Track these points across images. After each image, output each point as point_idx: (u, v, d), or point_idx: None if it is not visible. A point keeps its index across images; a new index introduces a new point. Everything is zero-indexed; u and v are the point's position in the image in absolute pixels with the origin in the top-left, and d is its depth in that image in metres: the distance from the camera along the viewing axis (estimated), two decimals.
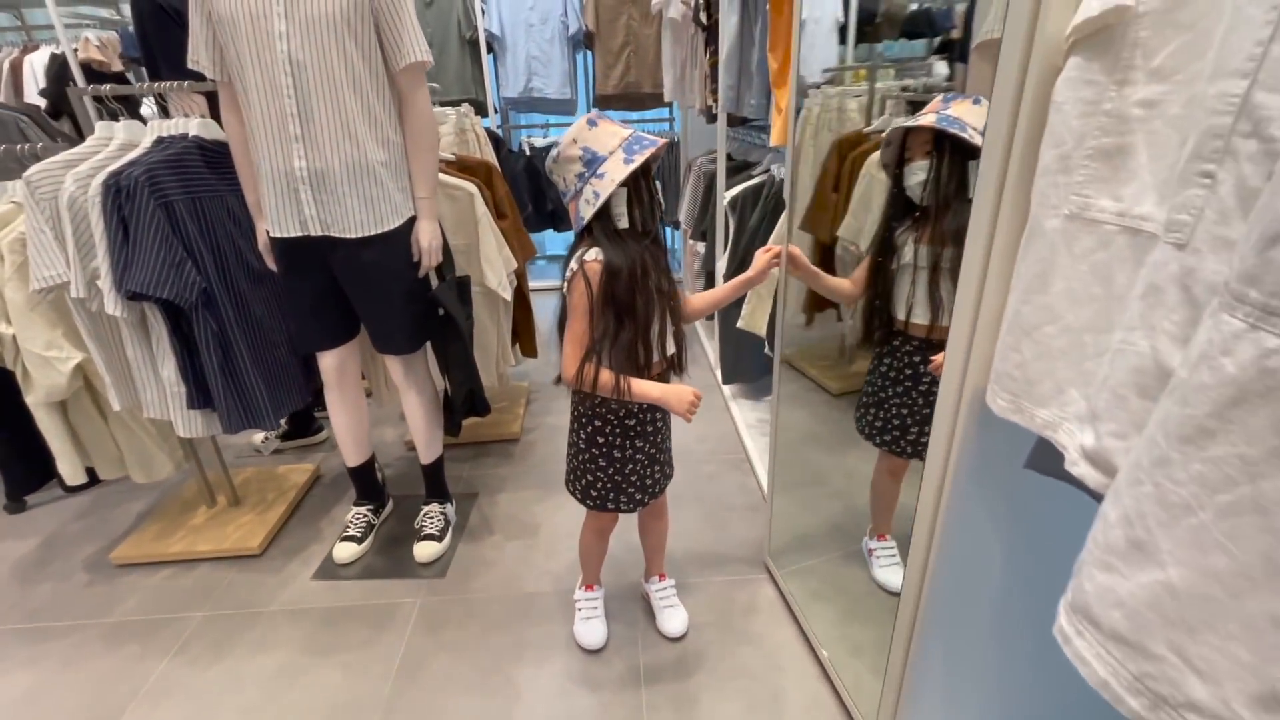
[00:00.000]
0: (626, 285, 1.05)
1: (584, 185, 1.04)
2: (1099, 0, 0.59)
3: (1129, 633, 0.40)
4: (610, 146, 1.02)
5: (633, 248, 1.06)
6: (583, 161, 1.03)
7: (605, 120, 1.04)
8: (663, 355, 1.16)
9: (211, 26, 1.31)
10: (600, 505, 1.28)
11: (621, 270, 1.04)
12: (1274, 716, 0.34)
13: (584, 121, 1.04)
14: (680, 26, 2.73)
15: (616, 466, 1.23)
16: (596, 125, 1.03)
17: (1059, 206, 0.65)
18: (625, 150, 1.02)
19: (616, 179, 1.01)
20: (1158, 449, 0.39)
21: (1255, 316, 0.34)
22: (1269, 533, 0.34)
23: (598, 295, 1.05)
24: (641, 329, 1.08)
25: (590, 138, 1.03)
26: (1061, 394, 0.69)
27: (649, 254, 1.08)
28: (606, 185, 1.01)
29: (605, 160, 1.02)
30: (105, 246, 1.36)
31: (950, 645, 1.01)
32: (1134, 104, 0.59)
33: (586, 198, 1.04)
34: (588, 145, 1.03)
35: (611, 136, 1.03)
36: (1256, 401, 0.34)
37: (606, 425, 1.19)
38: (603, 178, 1.02)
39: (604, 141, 1.02)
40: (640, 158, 1.01)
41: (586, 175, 1.03)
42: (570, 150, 1.03)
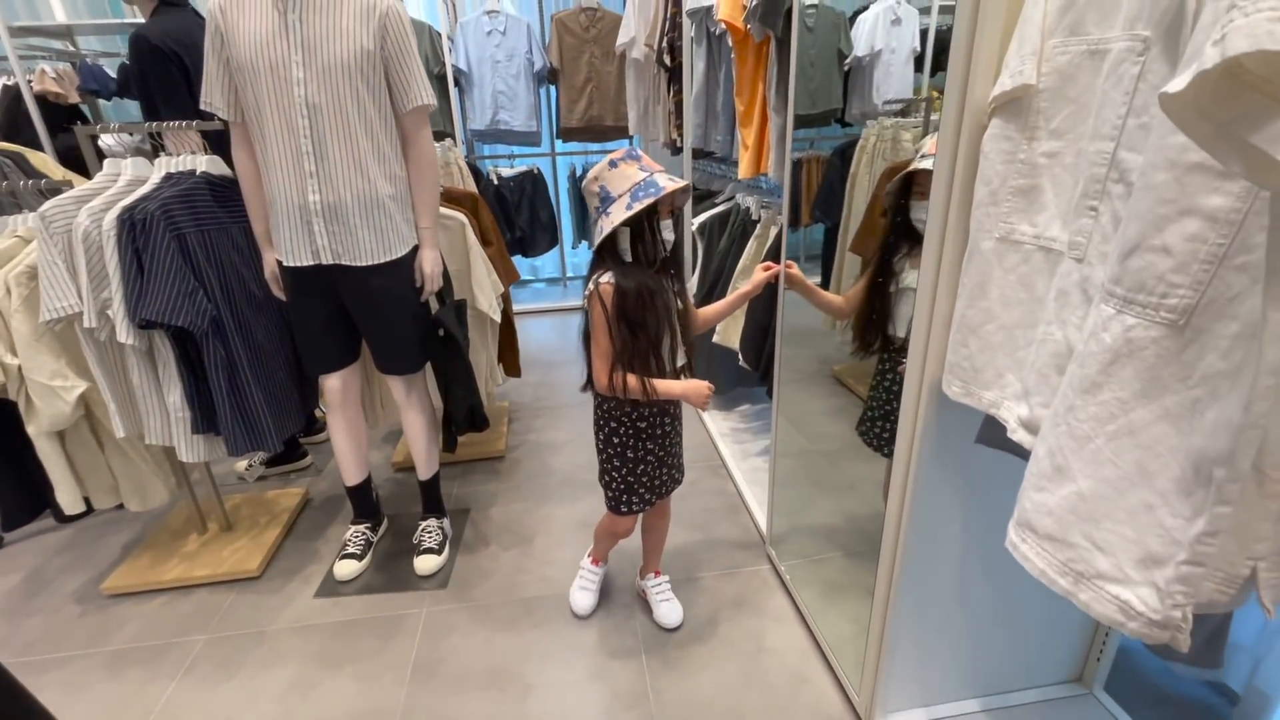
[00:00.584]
0: (635, 305, 1.20)
1: (599, 217, 1.19)
2: (1009, 78, 0.79)
3: (1056, 532, 0.57)
4: (621, 189, 1.17)
5: (640, 274, 1.21)
6: (599, 197, 1.19)
7: (626, 163, 1.18)
8: (673, 365, 1.31)
9: (228, 71, 1.41)
10: (614, 506, 1.42)
11: (629, 293, 1.19)
12: (1150, 571, 0.50)
13: (607, 161, 1.18)
14: (643, 66, 2.94)
15: (629, 467, 1.36)
16: (616, 167, 1.18)
17: (991, 231, 0.84)
18: (631, 195, 1.16)
19: (615, 221, 1.16)
20: (1067, 400, 0.56)
21: (1120, 305, 0.51)
22: (1138, 448, 0.51)
23: (613, 312, 1.20)
24: (653, 342, 1.24)
25: (608, 178, 1.18)
26: (1001, 378, 0.87)
27: (656, 279, 1.23)
28: (608, 225, 1.17)
29: (614, 201, 1.17)
30: (119, 277, 1.41)
31: (919, 600, 1.18)
32: (1040, 154, 0.79)
33: (600, 228, 1.19)
34: (604, 184, 1.18)
35: (624, 180, 1.17)
36: (1124, 361, 0.51)
37: (621, 427, 1.33)
38: (609, 215, 1.17)
39: (617, 184, 1.17)
40: (639, 205, 1.14)
41: (601, 209, 1.19)
42: (591, 185, 1.20)
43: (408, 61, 1.46)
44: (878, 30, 1.90)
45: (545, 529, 1.99)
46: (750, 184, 2.19)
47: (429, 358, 1.73)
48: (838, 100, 2.02)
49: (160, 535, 1.94)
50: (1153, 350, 0.49)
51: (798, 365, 2.17)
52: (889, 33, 1.90)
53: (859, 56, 1.93)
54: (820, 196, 2.14)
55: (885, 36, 1.89)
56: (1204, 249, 0.46)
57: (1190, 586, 0.47)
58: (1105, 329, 0.52)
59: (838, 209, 1.90)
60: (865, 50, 1.92)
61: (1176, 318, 0.48)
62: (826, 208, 2.03)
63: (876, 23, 1.90)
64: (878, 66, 1.92)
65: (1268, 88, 0.36)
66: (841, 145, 1.98)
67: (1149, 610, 0.50)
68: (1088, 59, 0.72)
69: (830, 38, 1.99)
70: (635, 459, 1.36)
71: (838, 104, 2.02)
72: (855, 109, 2.02)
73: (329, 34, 1.36)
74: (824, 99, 2.02)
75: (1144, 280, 0.50)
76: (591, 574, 1.64)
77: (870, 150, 1.84)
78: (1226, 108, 0.37)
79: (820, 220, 2.13)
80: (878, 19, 1.89)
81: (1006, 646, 1.28)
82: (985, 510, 1.12)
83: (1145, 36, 0.62)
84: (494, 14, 3.45)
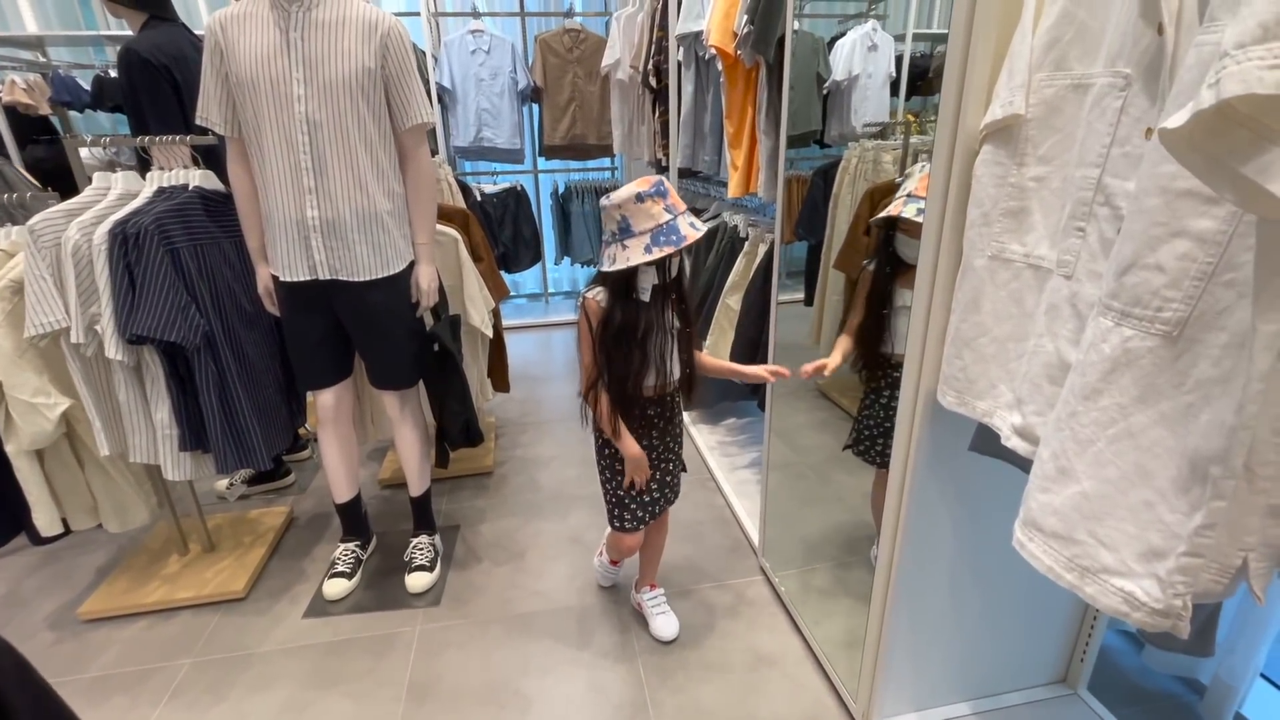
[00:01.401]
0: (615, 337, 1.21)
1: (614, 243, 1.18)
2: (1000, 108, 0.84)
3: (1061, 530, 0.61)
4: (643, 227, 1.15)
5: (643, 311, 1.22)
6: (618, 226, 1.17)
7: (653, 200, 1.15)
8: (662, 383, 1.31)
9: (227, 87, 1.41)
10: (610, 522, 1.44)
11: (615, 324, 1.20)
12: (1152, 564, 0.55)
13: (634, 194, 1.14)
14: (628, 87, 3.00)
15: (618, 480, 1.38)
16: (642, 203, 1.15)
17: (983, 250, 0.90)
18: (651, 239, 1.14)
19: (631, 261, 1.14)
20: (1069, 406, 0.61)
21: (1117, 317, 0.56)
22: (1137, 450, 0.55)
23: (597, 332, 1.22)
24: (633, 374, 1.24)
25: (631, 210, 1.15)
26: (994, 388, 0.92)
27: (649, 314, 1.22)
28: (622, 260, 1.16)
29: (634, 237, 1.15)
30: (110, 292, 1.39)
31: (914, 607, 1.21)
32: (1029, 179, 0.84)
33: (610, 255, 1.19)
34: (626, 216, 1.16)
35: (648, 219, 1.15)
36: (1123, 369, 0.56)
37: (605, 442, 1.36)
38: (625, 249, 1.16)
39: (640, 221, 1.15)
40: (659, 253, 1.13)
41: (617, 236, 1.17)
42: (613, 211, 1.16)
43: (408, 80, 1.48)
44: (855, 55, 1.98)
45: (536, 544, 1.99)
46: (735, 202, 2.25)
47: (424, 373, 1.73)
48: (817, 122, 2.10)
49: (138, 557, 1.88)
50: (1149, 359, 0.54)
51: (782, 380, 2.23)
52: (866, 58, 1.98)
53: (837, 80, 2.01)
54: (804, 215, 2.21)
55: (862, 61, 1.98)
56: (1194, 267, 0.51)
57: (1190, 576, 0.51)
58: (1105, 340, 0.57)
59: (821, 227, 1.96)
60: (843, 74, 2.00)
61: (1171, 329, 0.53)
62: (810, 226, 2.10)
63: (854, 48, 1.98)
64: (855, 90, 2.01)
65: (1254, 125, 0.40)
66: (824, 166, 2.05)
67: (1152, 600, 0.54)
68: (1072, 92, 0.77)
69: (809, 62, 2.07)
70: (623, 474, 1.37)
71: (817, 126, 2.10)
72: (834, 131, 2.10)
73: (331, 52, 1.38)
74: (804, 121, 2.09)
75: (1140, 295, 0.54)
76: (656, 598, 1.64)
77: (853, 171, 1.91)
78: (1218, 142, 0.42)
79: (804, 238, 2.20)
80: (855, 45, 1.98)
81: (995, 650, 1.33)
82: (975, 517, 1.16)
83: (1127, 74, 0.68)
84: (478, 33, 3.49)
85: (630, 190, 1.15)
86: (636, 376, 1.26)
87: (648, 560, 1.62)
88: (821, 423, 2.35)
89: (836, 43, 2.04)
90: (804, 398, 2.39)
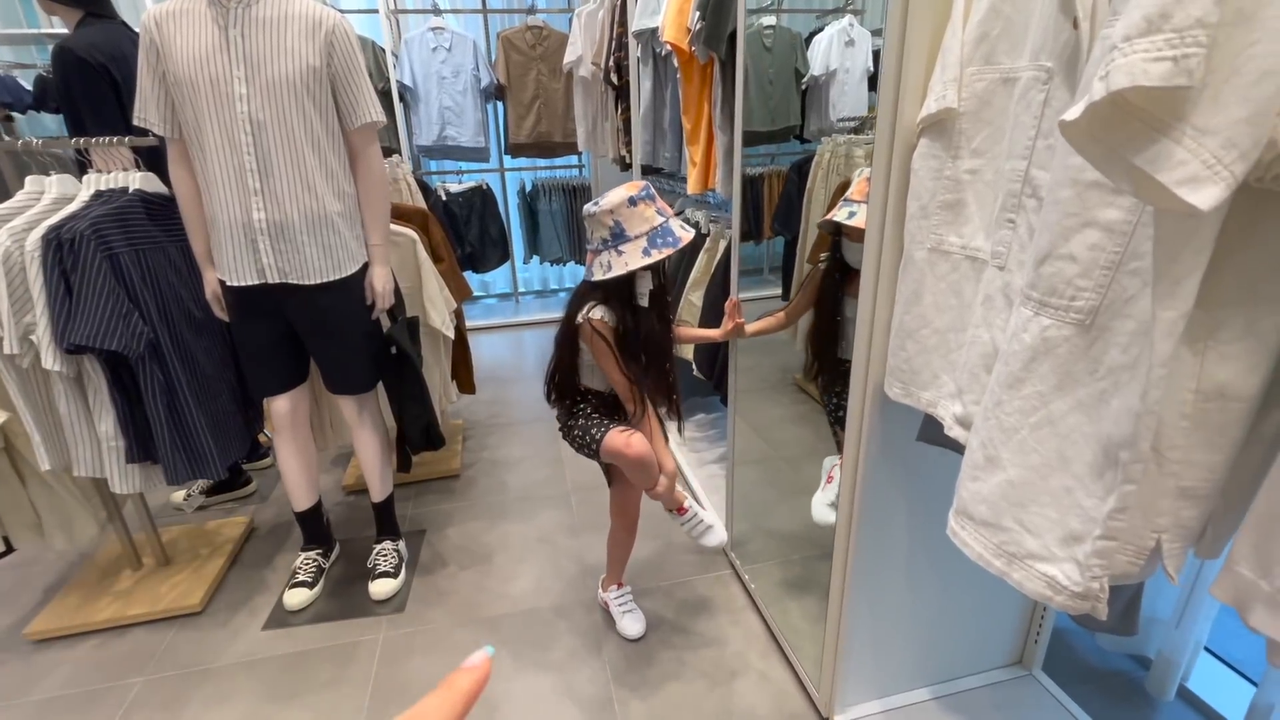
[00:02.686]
0: (633, 347, 1.21)
1: (604, 250, 1.16)
2: (934, 101, 0.86)
3: (990, 518, 0.62)
4: (638, 231, 1.13)
5: (643, 318, 1.22)
6: (611, 232, 1.15)
7: (645, 203, 1.14)
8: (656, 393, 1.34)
9: (165, 86, 1.36)
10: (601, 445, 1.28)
11: (630, 333, 1.20)
12: (1072, 548, 0.56)
13: (626, 198, 1.13)
14: (590, 84, 2.98)
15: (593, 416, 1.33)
16: (635, 206, 1.13)
17: (923, 242, 0.91)
18: (649, 241, 1.13)
19: (630, 266, 1.13)
20: (995, 395, 0.62)
21: (1036, 307, 0.57)
22: (1057, 436, 0.57)
23: (617, 345, 1.20)
24: (639, 378, 1.25)
25: (625, 215, 1.13)
26: (937, 379, 0.93)
27: (649, 318, 1.23)
28: (619, 265, 1.14)
29: (629, 241, 1.13)
30: (45, 300, 1.34)
31: (872, 596, 1.23)
32: (963, 171, 0.86)
33: (602, 263, 1.16)
34: (619, 221, 1.14)
35: (642, 222, 1.14)
36: (1042, 358, 0.57)
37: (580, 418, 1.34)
38: (621, 255, 1.14)
39: (635, 225, 1.14)
40: (657, 256, 1.13)
41: (610, 243, 1.15)
42: (604, 217, 1.14)
43: (355, 78, 1.45)
44: (832, 51, 2.00)
45: (504, 546, 1.97)
46: (699, 199, 2.25)
47: (381, 377, 1.70)
48: (796, 117, 2.12)
49: (88, 573, 1.82)
50: (1065, 348, 0.55)
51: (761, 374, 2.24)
52: (843, 53, 2.00)
53: (815, 76, 2.03)
54: (779, 211, 2.23)
55: (840, 57, 2.00)
56: (1103, 256, 0.52)
57: (1105, 559, 0.52)
58: (1025, 329, 0.58)
59: (796, 222, 1.98)
60: (821, 70, 2.02)
61: (1084, 318, 0.54)
62: (785, 221, 2.12)
63: (831, 44, 2.00)
64: (833, 85, 2.02)
65: (1145, 116, 0.41)
66: (798, 160, 2.07)
67: (1072, 584, 0.55)
68: (1001, 85, 0.79)
69: (788, 57, 2.08)
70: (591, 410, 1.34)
71: (796, 121, 2.12)
72: (813, 126, 2.12)
73: (273, 51, 1.34)
74: (783, 116, 2.11)
75: (1055, 285, 0.55)
76: (622, 596, 1.61)
77: (826, 165, 1.93)
78: (1113, 133, 0.42)
79: (780, 233, 2.22)
80: (832, 40, 2.00)
81: (953, 635, 1.35)
82: (928, 505, 1.18)
83: (1049, 67, 0.69)
84: (439, 30, 3.44)
85: (622, 194, 1.14)
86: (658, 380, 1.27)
87: (615, 559, 1.62)
88: (799, 416, 2.37)
89: (814, 38, 2.05)
90: (783, 391, 2.41)
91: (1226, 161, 0.39)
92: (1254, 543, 0.48)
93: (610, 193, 1.15)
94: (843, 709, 1.33)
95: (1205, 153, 0.39)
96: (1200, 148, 0.39)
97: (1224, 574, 0.51)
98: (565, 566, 1.86)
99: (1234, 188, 0.39)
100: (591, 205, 1.16)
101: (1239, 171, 0.39)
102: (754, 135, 2.16)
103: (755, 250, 2.67)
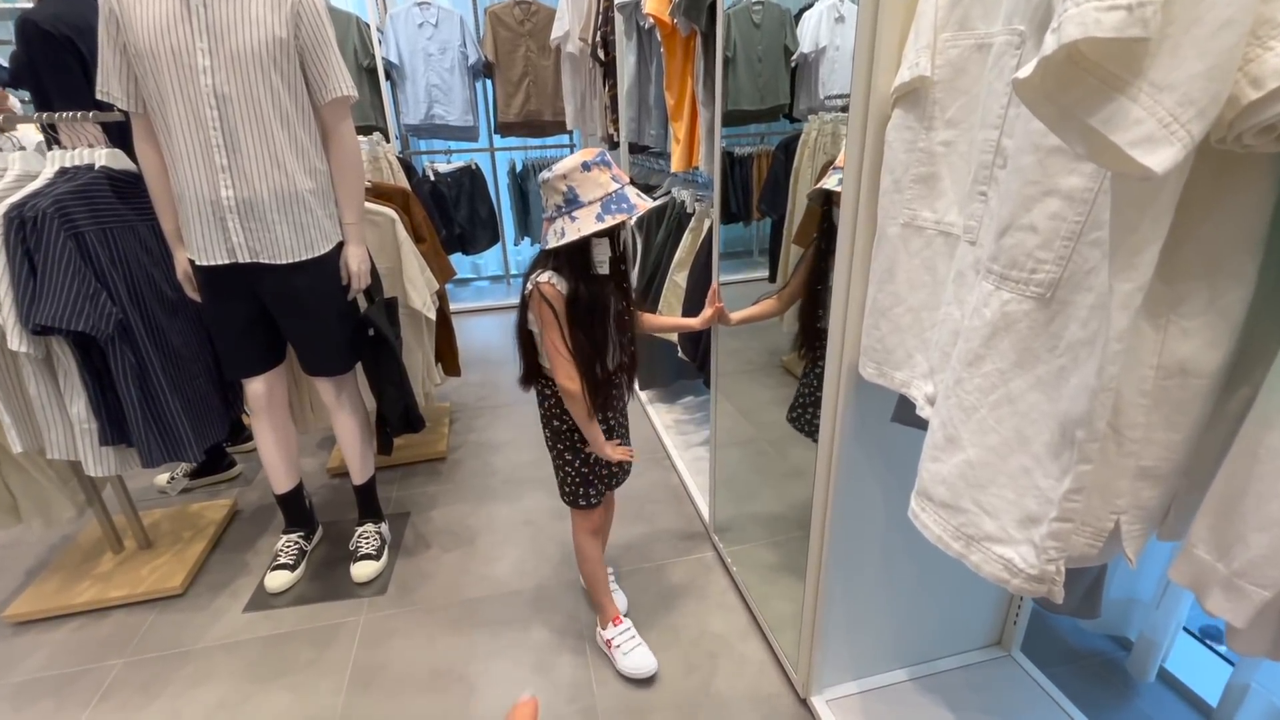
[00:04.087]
0: (586, 317, 1.17)
1: (559, 217, 1.12)
2: (908, 70, 0.82)
3: (949, 499, 0.60)
4: (592, 196, 1.10)
5: (599, 286, 1.18)
6: (565, 198, 1.11)
7: (600, 168, 1.11)
8: (614, 367, 1.29)
9: (126, 58, 1.32)
10: (574, 500, 1.37)
11: (583, 303, 1.16)
12: (1029, 530, 0.54)
13: (580, 163, 1.10)
14: (578, 60, 2.92)
15: (582, 457, 1.34)
16: (589, 171, 1.10)
17: (896, 218, 0.88)
18: (603, 206, 1.10)
19: (584, 231, 1.09)
20: (954, 373, 0.59)
21: (997, 281, 0.55)
22: (1016, 415, 0.55)
23: (565, 312, 1.15)
24: (598, 350, 1.21)
25: (578, 180, 1.10)
26: (910, 358, 0.91)
27: (604, 287, 1.19)
28: (573, 231, 1.10)
29: (583, 207, 1.10)
30: (9, 280, 1.31)
31: (848, 577, 1.22)
32: (937, 143, 0.83)
33: (556, 230, 1.12)
34: (573, 186, 1.10)
35: (596, 187, 1.10)
36: (1002, 334, 0.54)
37: (566, 421, 1.31)
38: (574, 221, 1.11)
39: (588, 190, 1.10)
40: (610, 221, 1.10)
41: (564, 209, 1.12)
42: (558, 184, 1.11)
43: (324, 51, 1.41)
44: (822, 27, 1.95)
45: (488, 528, 1.96)
46: (685, 178, 2.21)
47: (358, 358, 1.68)
48: (785, 96, 2.06)
49: (69, 556, 1.82)
50: (1025, 323, 0.53)
51: (748, 356, 2.22)
52: (833, 30, 1.95)
53: (804, 53, 1.98)
54: (766, 190, 2.19)
55: (829, 34, 1.95)
56: (1064, 226, 0.50)
57: (1061, 542, 0.50)
58: (986, 304, 0.55)
59: (783, 202, 1.94)
60: (810, 47, 1.97)
61: (1044, 291, 0.52)
62: (772, 201, 2.08)
63: (821, 20, 1.95)
64: (823, 63, 1.97)
65: (1100, 72, 0.39)
66: (785, 139, 2.03)
67: (1028, 566, 0.53)
68: (975, 52, 0.75)
69: (777, 34, 2.03)
70: (586, 450, 1.33)
71: (785, 99, 2.07)
72: (802, 104, 2.07)
73: (237, 20, 1.30)
74: (772, 95, 2.06)
75: (1016, 257, 0.53)
76: (624, 633, 1.46)
77: (812, 144, 1.88)
78: (1068, 91, 0.40)
79: (767, 214, 2.18)
80: (822, 17, 1.94)
81: (930, 616, 1.35)
82: (904, 486, 1.15)
83: (1021, 31, 0.66)
84: (425, 6, 3.36)
85: (575, 160, 1.11)
86: (604, 356, 1.22)
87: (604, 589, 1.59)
88: (785, 399, 2.35)
89: (804, 15, 2.00)
90: (770, 373, 2.39)
91: (1183, 120, 0.36)
92: (1211, 524, 0.46)
93: (564, 159, 1.13)
94: (820, 689, 1.33)
95: (1161, 110, 0.37)
96: (1156, 105, 0.37)
97: (1182, 556, 0.49)
98: (548, 549, 1.86)
99: (1191, 149, 0.37)
100: (546, 172, 1.13)
101: (1196, 131, 0.37)
102: (743, 114, 2.12)
103: (743, 232, 2.63)
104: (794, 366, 2.37)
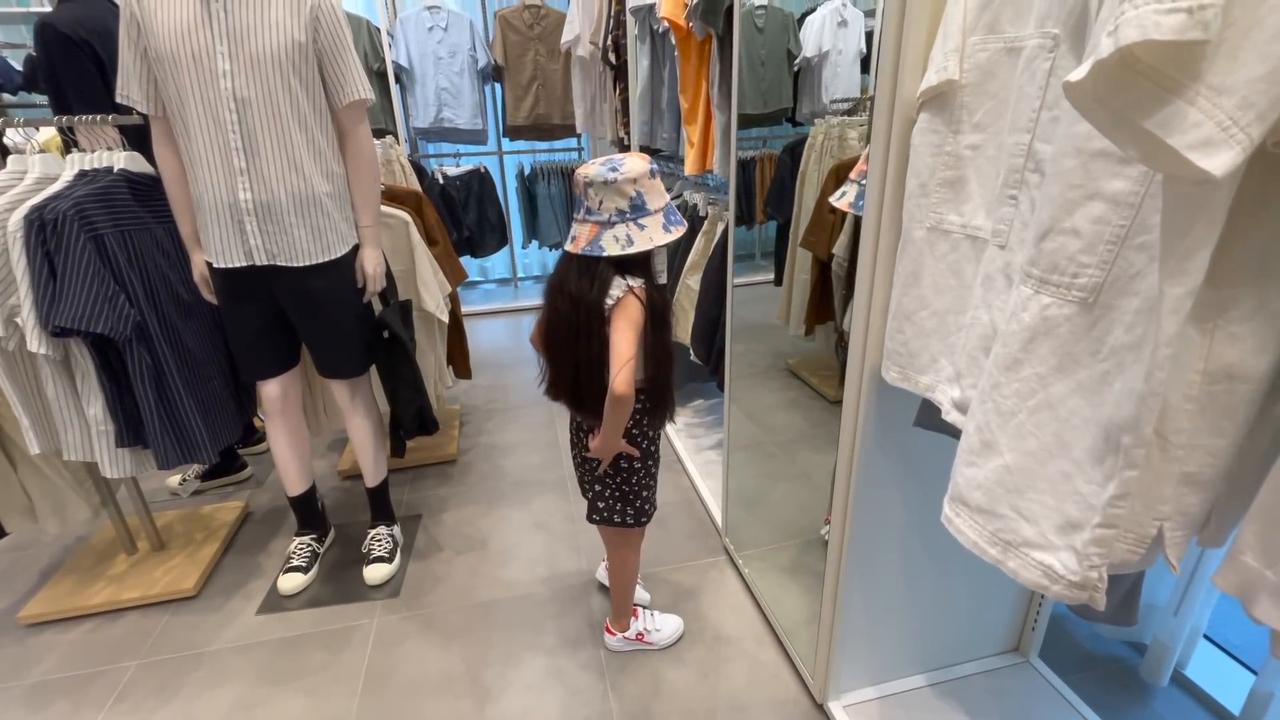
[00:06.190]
0: (661, 325, 1.15)
1: (620, 222, 1.07)
2: (935, 74, 0.82)
3: (986, 504, 0.60)
4: (657, 205, 1.08)
5: (662, 294, 1.16)
6: (631, 203, 1.06)
7: (659, 176, 1.10)
8: None
9: (146, 62, 1.33)
10: (638, 518, 1.32)
11: (660, 312, 1.14)
12: (1069, 536, 0.54)
13: (649, 168, 1.08)
14: (589, 64, 2.93)
15: (657, 465, 1.31)
16: (654, 178, 1.08)
17: (922, 221, 0.88)
18: (665, 217, 1.09)
19: (655, 241, 1.07)
20: (992, 377, 0.59)
21: (1036, 285, 0.54)
22: (1056, 420, 0.54)
23: (648, 320, 1.11)
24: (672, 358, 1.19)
25: (647, 186, 1.07)
26: (935, 362, 0.91)
27: None
28: (643, 240, 1.07)
29: (650, 215, 1.07)
30: (29, 282, 1.32)
31: (867, 582, 1.21)
32: (965, 147, 0.82)
33: (617, 235, 1.07)
34: (641, 192, 1.06)
35: (659, 196, 1.09)
36: (1041, 338, 0.54)
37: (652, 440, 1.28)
38: (643, 229, 1.07)
39: (654, 198, 1.08)
40: (676, 232, 1.09)
41: (627, 215, 1.07)
42: (626, 186, 1.05)
43: (342, 54, 1.41)
44: (825, 32, 1.95)
45: (499, 531, 1.96)
46: (698, 181, 2.21)
47: (373, 361, 1.68)
48: (788, 100, 2.06)
49: (84, 558, 1.82)
50: (1066, 327, 0.53)
51: (752, 360, 2.22)
52: (836, 34, 1.95)
53: (808, 57, 1.98)
54: (772, 193, 2.18)
55: (832, 38, 1.95)
56: (1108, 230, 0.49)
57: (1104, 548, 0.50)
58: (1025, 309, 0.55)
59: (789, 205, 1.93)
60: (814, 51, 1.97)
61: (1086, 295, 0.51)
62: (778, 204, 2.07)
63: (824, 24, 1.95)
64: (826, 67, 1.97)
65: (1156, 75, 0.38)
66: (791, 143, 2.03)
67: (1069, 573, 0.53)
68: (1005, 56, 0.75)
69: (780, 38, 2.03)
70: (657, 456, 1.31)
71: (788, 103, 2.07)
72: (805, 108, 2.07)
73: (257, 24, 1.30)
74: (775, 99, 2.06)
75: (1057, 261, 0.53)
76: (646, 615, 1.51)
77: (819, 148, 1.88)
78: (1121, 95, 0.40)
79: (772, 217, 2.18)
80: (825, 21, 1.95)
81: (948, 622, 1.34)
82: (924, 491, 1.16)
83: (1055, 34, 0.66)
84: (435, 9, 3.37)
85: (643, 165, 1.07)
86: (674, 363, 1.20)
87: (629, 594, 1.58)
88: (791, 402, 2.34)
89: (807, 19, 2.00)
90: (775, 377, 2.39)
91: (1243, 123, 0.36)
92: (1260, 531, 0.46)
93: (623, 159, 1.06)
94: (837, 695, 1.32)
95: (1220, 114, 0.36)
96: (1215, 108, 0.36)
97: (1228, 563, 0.49)
98: (560, 552, 1.85)
99: (1249, 152, 0.37)
100: (606, 170, 1.04)
101: (1255, 134, 0.36)
102: (746, 118, 2.12)
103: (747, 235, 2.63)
104: (799, 369, 2.37)
